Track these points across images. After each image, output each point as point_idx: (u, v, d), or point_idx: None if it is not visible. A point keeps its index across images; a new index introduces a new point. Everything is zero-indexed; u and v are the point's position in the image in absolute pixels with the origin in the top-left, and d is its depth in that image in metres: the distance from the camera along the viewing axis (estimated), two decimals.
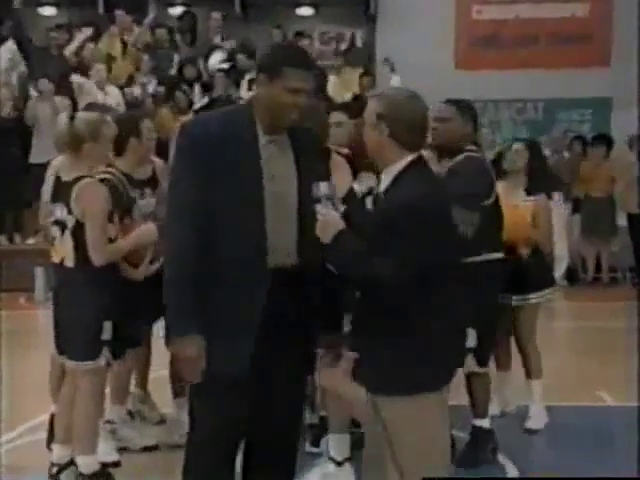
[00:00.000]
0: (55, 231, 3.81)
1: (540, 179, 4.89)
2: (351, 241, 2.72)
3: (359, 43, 11.97)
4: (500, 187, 4.69)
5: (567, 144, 10.98)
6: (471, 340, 3.98)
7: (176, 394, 4.55)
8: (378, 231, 2.66)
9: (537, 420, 4.75)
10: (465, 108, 4.16)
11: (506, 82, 11.63)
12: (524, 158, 4.83)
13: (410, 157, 2.75)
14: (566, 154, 10.72)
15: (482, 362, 4.16)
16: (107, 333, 3.77)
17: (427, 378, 2.70)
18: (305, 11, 12.75)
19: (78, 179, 3.75)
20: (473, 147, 4.18)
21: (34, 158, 9.88)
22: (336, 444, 3.94)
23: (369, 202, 3.67)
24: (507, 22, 12.18)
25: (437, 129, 4.02)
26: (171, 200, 2.88)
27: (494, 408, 4.75)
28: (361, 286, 2.75)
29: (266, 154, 2.85)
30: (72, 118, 3.85)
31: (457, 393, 4.32)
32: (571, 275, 10.54)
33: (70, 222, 3.74)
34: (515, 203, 4.65)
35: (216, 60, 11.20)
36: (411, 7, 11.97)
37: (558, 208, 10.26)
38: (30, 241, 9.91)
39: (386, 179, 2.78)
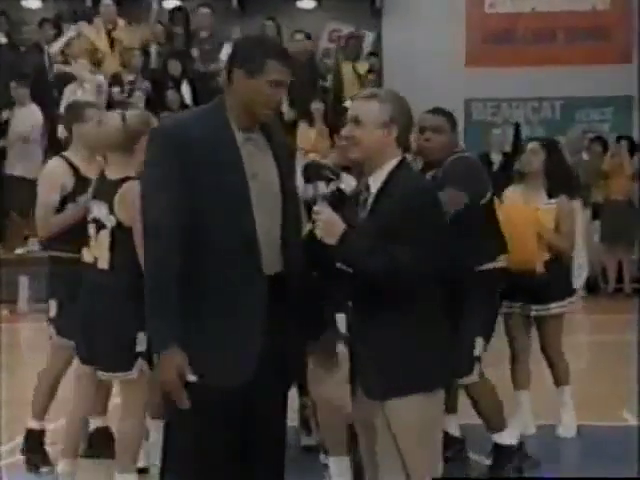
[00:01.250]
0: (91, 229, 3.87)
1: (561, 180, 4.82)
2: (360, 238, 2.83)
3: (368, 44, 11.92)
4: (519, 191, 4.76)
5: (586, 145, 10.97)
6: (478, 349, 4.09)
7: (153, 414, 4.32)
8: (392, 224, 2.78)
9: (569, 428, 4.84)
10: (452, 117, 4.22)
11: (521, 80, 11.63)
12: (541, 158, 4.77)
13: (399, 157, 2.94)
14: (584, 155, 10.71)
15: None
16: (141, 345, 3.76)
17: (438, 374, 2.89)
18: (306, 4, 12.73)
19: (125, 179, 3.82)
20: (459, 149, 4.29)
21: (9, 169, 9.90)
22: (336, 468, 3.93)
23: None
24: (522, 16, 12.18)
25: (430, 140, 4.04)
26: (147, 212, 2.86)
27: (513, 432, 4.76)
28: (379, 279, 2.81)
29: (245, 153, 2.88)
30: (123, 117, 3.91)
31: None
32: (591, 285, 10.52)
33: (110, 223, 3.80)
34: (536, 206, 4.64)
35: (225, 53, 11.21)
36: (419, 0, 11.99)
37: (578, 214, 10.31)
38: (19, 251, 9.92)
39: (377, 179, 2.91)
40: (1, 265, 9.36)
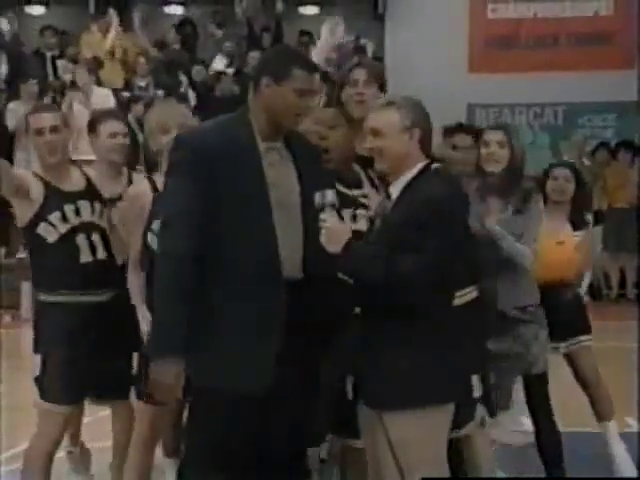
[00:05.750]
0: None
1: (585, 209, 4.59)
2: (364, 246, 2.82)
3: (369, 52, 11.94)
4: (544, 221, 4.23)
5: (588, 151, 10.94)
6: (477, 390, 3.66)
7: (168, 451, 4.05)
8: (400, 232, 2.75)
9: (627, 467, 4.56)
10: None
11: (523, 85, 11.64)
12: (573, 186, 4.45)
13: (422, 163, 2.89)
14: (586, 161, 10.69)
15: (492, 412, 3.88)
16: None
17: (439, 390, 2.82)
18: (309, 10, 12.77)
19: None
20: None
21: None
22: None
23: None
24: (524, 21, 12.20)
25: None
26: (164, 215, 2.94)
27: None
28: (383, 291, 2.78)
29: (266, 161, 2.91)
30: None
31: None
32: (594, 291, 10.50)
33: None
34: (561, 239, 4.33)
35: (219, 63, 11.31)
36: (422, 5, 12.01)
37: None
38: (21, 255, 9.91)
39: (398, 186, 2.89)
40: (3, 270, 9.36)
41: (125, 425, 3.90)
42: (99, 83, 10.57)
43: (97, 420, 4.32)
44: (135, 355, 3.71)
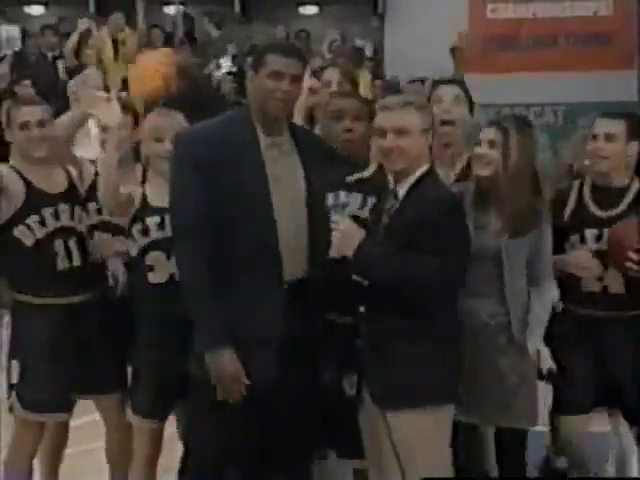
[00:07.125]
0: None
1: None
2: (376, 247, 2.82)
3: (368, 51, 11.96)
4: None
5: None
6: None
7: None
8: (412, 232, 2.78)
9: None
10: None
11: (523, 85, 11.62)
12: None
13: (427, 165, 2.93)
14: (586, 162, 10.64)
15: None
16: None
17: (441, 391, 2.86)
18: (309, 10, 12.79)
19: None
20: None
21: None
22: None
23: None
24: (524, 21, 12.18)
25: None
26: (175, 218, 2.94)
27: None
28: (393, 291, 2.78)
29: (269, 157, 2.90)
30: None
31: None
32: None
33: None
34: None
35: (225, 64, 11.32)
36: (422, 5, 12.00)
37: None
38: None
39: (404, 186, 2.91)
40: None
41: (114, 418, 3.75)
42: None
43: (95, 421, 4.29)
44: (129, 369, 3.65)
